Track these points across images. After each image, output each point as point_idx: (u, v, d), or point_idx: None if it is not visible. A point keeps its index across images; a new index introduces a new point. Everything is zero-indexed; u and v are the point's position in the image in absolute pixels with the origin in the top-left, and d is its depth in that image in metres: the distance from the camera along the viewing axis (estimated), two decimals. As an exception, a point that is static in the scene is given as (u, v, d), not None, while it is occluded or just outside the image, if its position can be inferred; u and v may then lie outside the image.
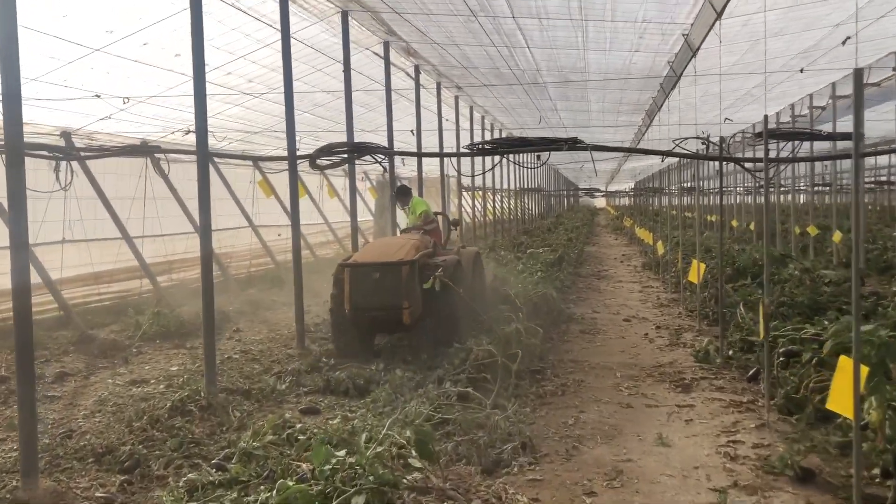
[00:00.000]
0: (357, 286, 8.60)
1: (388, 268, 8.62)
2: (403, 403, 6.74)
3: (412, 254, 8.84)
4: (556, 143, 8.32)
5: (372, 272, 8.63)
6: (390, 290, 8.48)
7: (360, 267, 8.73)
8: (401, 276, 8.52)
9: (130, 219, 13.63)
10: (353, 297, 8.59)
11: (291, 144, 9.06)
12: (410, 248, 8.98)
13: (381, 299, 8.51)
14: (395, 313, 8.49)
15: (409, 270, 8.56)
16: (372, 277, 8.60)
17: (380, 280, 8.56)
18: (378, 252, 9.13)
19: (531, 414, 6.74)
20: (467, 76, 16.73)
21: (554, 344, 9.94)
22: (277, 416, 6.35)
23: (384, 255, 8.89)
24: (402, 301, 8.43)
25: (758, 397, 7.16)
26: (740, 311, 9.42)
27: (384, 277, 8.56)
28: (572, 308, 13.00)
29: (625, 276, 18.56)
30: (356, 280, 8.63)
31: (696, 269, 10.34)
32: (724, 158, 8.10)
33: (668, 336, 10.42)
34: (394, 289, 8.47)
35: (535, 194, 43.14)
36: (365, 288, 8.57)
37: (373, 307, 8.55)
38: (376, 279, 8.58)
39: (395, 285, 8.49)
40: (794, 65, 13.96)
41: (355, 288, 8.60)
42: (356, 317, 8.65)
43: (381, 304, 8.52)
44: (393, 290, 8.48)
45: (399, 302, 8.45)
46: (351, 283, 8.62)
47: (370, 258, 8.93)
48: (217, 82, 12.36)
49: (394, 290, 8.47)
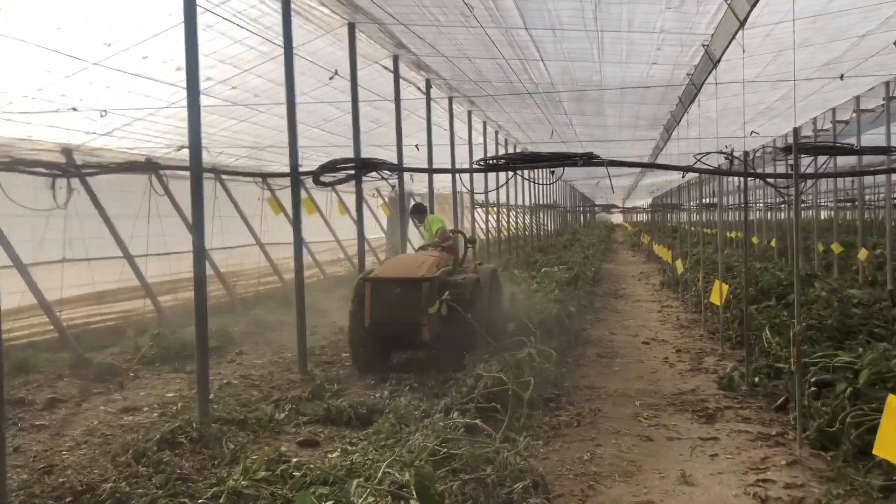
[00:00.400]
0: (378, 300, 8.63)
1: (409, 283, 8.63)
2: (408, 435, 6.32)
3: (433, 270, 8.86)
4: (571, 159, 7.90)
5: (393, 287, 8.67)
6: (411, 305, 8.47)
7: (381, 281, 8.77)
8: (421, 293, 8.52)
9: (135, 237, 13.33)
10: (373, 311, 8.62)
11: (294, 160, 8.70)
12: (432, 265, 8.99)
13: (402, 314, 8.52)
14: (414, 329, 8.51)
15: (430, 287, 8.56)
16: (393, 292, 8.64)
17: (400, 295, 8.59)
18: (400, 268, 9.13)
19: (544, 447, 6.29)
20: (480, 90, 16.37)
21: (569, 369, 9.47)
22: (272, 450, 5.95)
23: (406, 271, 8.90)
24: (422, 317, 8.37)
25: (787, 429, 6.67)
26: (766, 336, 8.92)
27: (405, 293, 8.58)
28: (589, 330, 12.53)
29: (643, 294, 18.06)
30: (377, 294, 8.66)
31: (719, 290, 9.86)
32: (748, 174, 7.65)
33: (690, 360, 9.93)
34: (414, 304, 8.45)
35: (550, 210, 42.71)
36: (386, 302, 8.60)
37: (393, 322, 8.58)
38: (397, 294, 8.61)
39: (416, 301, 8.47)
40: (819, 76, 13.49)
41: (376, 302, 8.63)
42: (376, 331, 8.68)
43: (401, 319, 8.54)
44: (413, 305, 8.46)
45: (419, 318, 8.43)
46: (372, 298, 8.65)
47: (392, 273, 8.95)
48: (221, 96, 12.07)
49: (414, 305, 8.46)
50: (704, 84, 12.34)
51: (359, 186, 10.85)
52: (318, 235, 21.51)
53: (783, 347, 8.63)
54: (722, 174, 8.48)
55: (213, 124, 13.62)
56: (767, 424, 6.90)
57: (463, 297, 8.43)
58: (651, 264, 27.52)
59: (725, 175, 9.24)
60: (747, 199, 7.78)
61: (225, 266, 16.81)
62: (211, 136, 14.13)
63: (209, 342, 11.23)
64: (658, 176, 41.73)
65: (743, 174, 7.61)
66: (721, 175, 8.95)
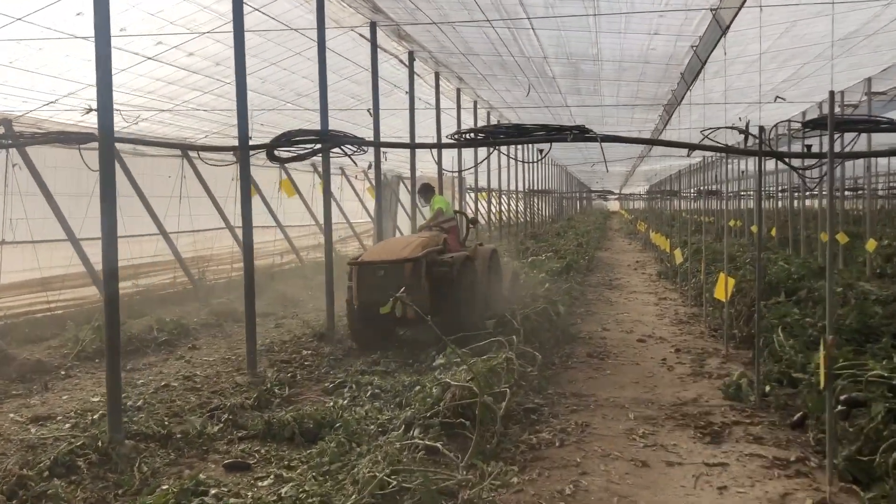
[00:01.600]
0: (363, 283, 8.89)
1: (392, 265, 8.86)
2: (357, 458, 5.28)
3: (417, 251, 9.03)
4: (560, 133, 6.83)
5: (377, 270, 8.90)
6: (395, 286, 8.31)
7: (366, 265, 9.02)
8: (404, 274, 8.74)
9: (87, 218, 12.22)
10: (360, 293, 8.89)
11: (243, 131, 7.57)
12: (417, 246, 9.17)
13: (386, 296, 7.97)
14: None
15: (413, 267, 8.80)
16: (377, 275, 8.85)
17: (384, 277, 8.79)
18: (385, 250, 9.36)
19: (519, 475, 5.24)
20: (468, 65, 15.24)
21: (555, 371, 8.43)
22: (190, 477, 4.93)
23: (390, 253, 9.13)
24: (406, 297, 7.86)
25: (808, 453, 5.64)
26: (778, 338, 7.88)
27: (389, 275, 8.79)
28: (579, 324, 11.49)
29: (639, 285, 17.02)
30: (363, 278, 8.92)
31: (724, 285, 8.81)
32: (765, 153, 6.58)
33: (690, 362, 8.89)
34: (397, 286, 8.26)
35: (545, 196, 41.58)
36: (371, 285, 8.83)
37: (378, 303, 8.10)
38: (381, 276, 8.82)
39: (399, 282, 8.50)
40: (831, 54, 12.41)
41: (362, 285, 8.89)
42: (364, 312, 8.92)
43: (385, 300, 7.81)
44: (397, 287, 8.28)
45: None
46: (358, 281, 8.92)
47: (376, 257, 9.19)
48: (177, 63, 10.95)
49: (398, 287, 8.28)
50: (710, 58, 11.26)
51: (325, 163, 9.74)
52: (301, 219, 20.38)
53: (798, 352, 7.59)
54: (734, 153, 7.39)
55: (173, 96, 12.50)
56: (784, 446, 5.86)
57: (449, 276, 8.89)
58: (647, 253, 26.48)
59: (739, 154, 8.17)
60: (762, 183, 6.70)
61: (194, 250, 15.72)
62: (175, 109, 13.03)
63: (159, 335, 10.29)
64: (656, 162, 40.66)
65: (758, 153, 6.53)
66: (733, 154, 7.87)
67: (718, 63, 11.68)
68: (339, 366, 8.63)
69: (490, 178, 23.21)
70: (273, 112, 14.41)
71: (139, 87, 11.71)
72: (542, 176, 39.57)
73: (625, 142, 7.21)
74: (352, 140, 8.19)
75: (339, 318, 11.24)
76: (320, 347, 9.45)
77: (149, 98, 12.24)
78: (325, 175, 9.78)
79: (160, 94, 12.10)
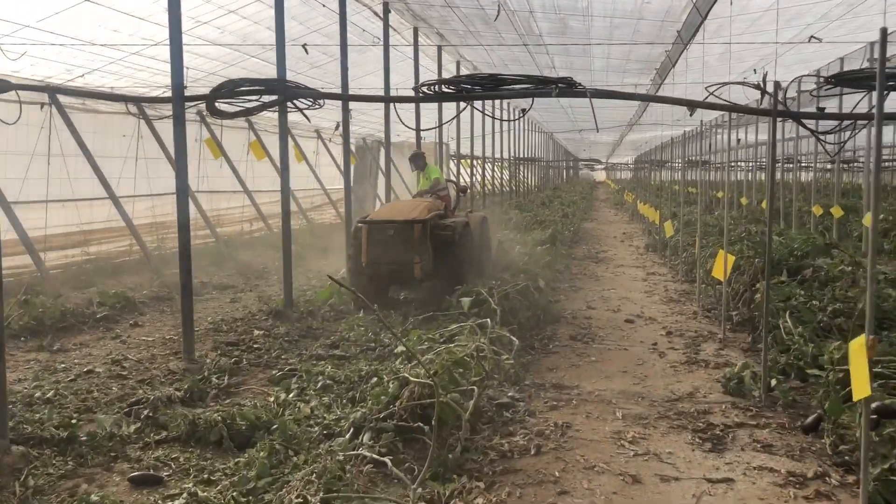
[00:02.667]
0: (373, 242, 9.13)
1: (401, 226, 9.17)
2: (292, 470, 4.38)
3: (424, 214, 9.40)
4: (544, 86, 5.85)
5: (387, 229, 9.16)
6: (403, 246, 9.06)
7: (376, 224, 9.27)
8: (413, 234, 9.09)
9: (27, 179, 11.16)
10: (369, 251, 9.12)
11: (177, 79, 6.51)
12: (423, 209, 9.55)
13: (395, 254, 9.09)
14: (407, 267, 9.09)
15: (421, 229, 9.16)
16: (387, 234, 9.12)
17: (394, 237, 9.09)
18: (394, 212, 9.73)
19: (485, 493, 4.35)
20: (449, 20, 14.14)
21: (534, 357, 7.54)
22: (80, 497, 4.00)
23: (399, 215, 9.45)
24: (414, 256, 9.02)
25: (827, 467, 4.79)
26: (785, 324, 7.01)
27: (398, 234, 9.10)
28: (563, 302, 10.62)
29: (626, 258, 16.16)
30: (373, 236, 9.15)
31: (723, 263, 7.92)
32: (781, 114, 5.62)
33: (684, 347, 8.02)
34: (406, 245, 9.05)
35: (531, 165, 40.53)
36: (380, 243, 9.11)
37: (387, 261, 9.13)
38: (391, 236, 9.10)
39: (408, 242, 9.04)
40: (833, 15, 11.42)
41: (371, 243, 9.13)
42: (372, 270, 9.19)
43: (394, 258, 9.11)
44: (406, 246, 9.06)
45: (411, 257, 9.03)
46: (368, 239, 9.12)
47: (386, 216, 9.52)
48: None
49: (406, 246, 9.06)
50: (711, 14, 10.26)
51: (282, 119, 8.70)
52: (270, 184, 19.22)
53: (808, 341, 6.73)
54: (745, 112, 6.42)
55: (118, 42, 11.36)
56: (798, 457, 5.00)
57: (451, 239, 9.38)
58: (635, 224, 25.63)
59: (749, 113, 7.21)
60: (775, 150, 5.75)
61: (152, 216, 14.66)
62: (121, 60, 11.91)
63: (99, 310, 9.31)
64: (644, 132, 39.66)
65: (772, 113, 5.56)
66: (742, 114, 6.91)
67: (719, 20, 10.71)
68: (293, 349, 7.71)
69: (473, 146, 22.16)
70: (235, 67, 13.28)
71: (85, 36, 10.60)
72: (528, 143, 38.52)
73: (618, 97, 6.22)
74: (310, 93, 7.16)
75: (299, 294, 10.30)
76: (275, 327, 8.51)
77: (92, 52, 11.13)
78: (282, 132, 8.73)
79: (105, 41, 10.96)
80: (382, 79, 13.02)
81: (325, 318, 9.14)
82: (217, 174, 16.67)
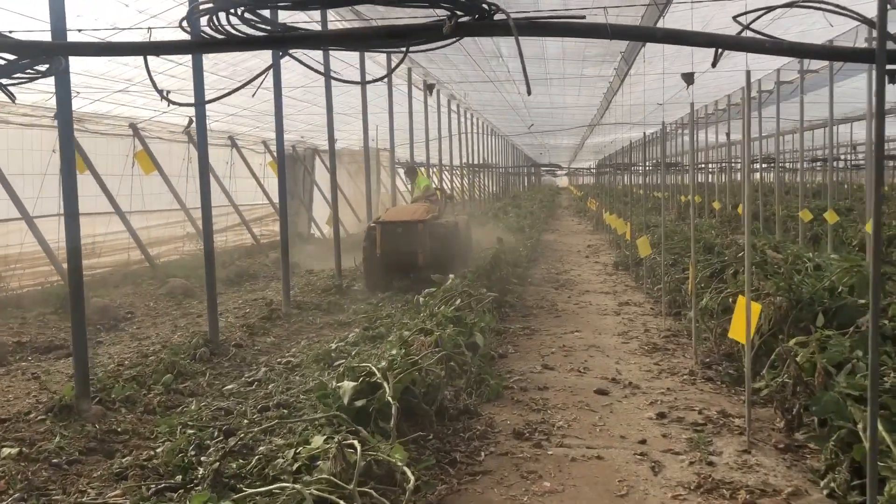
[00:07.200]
0: (386, 237, 11.54)
1: (408, 224, 11.65)
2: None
3: (425, 215, 11.86)
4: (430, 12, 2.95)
5: (396, 227, 11.64)
6: (410, 240, 11.55)
7: (387, 224, 11.71)
8: (417, 231, 11.56)
9: None
10: (382, 244, 11.52)
11: None
12: (424, 212, 12.02)
13: (403, 247, 11.54)
14: (412, 257, 11.53)
15: (423, 227, 11.60)
16: (396, 231, 11.59)
17: (402, 233, 11.57)
18: (400, 214, 12.30)
19: None
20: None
21: (449, 487, 4.60)
22: None
23: (405, 216, 11.97)
24: (418, 248, 11.52)
25: None
26: (879, 434, 4.13)
27: (405, 232, 11.58)
28: (510, 357, 7.76)
29: (592, 280, 13.37)
30: (385, 233, 11.55)
31: (745, 317, 5.06)
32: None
33: (688, 447, 5.16)
34: (412, 240, 11.55)
35: (488, 172, 37.67)
36: (392, 239, 11.55)
37: (396, 252, 11.54)
38: (399, 233, 11.57)
39: (413, 237, 11.55)
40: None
41: (384, 239, 11.53)
42: (384, 259, 11.57)
43: (403, 250, 11.53)
44: (411, 240, 11.55)
45: (416, 249, 11.52)
46: (381, 235, 11.54)
47: (396, 217, 12.01)
48: None
49: (412, 240, 11.55)
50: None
51: (62, 92, 5.65)
52: (216, 199, 16.11)
53: None
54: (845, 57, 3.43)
55: None
56: None
57: (446, 237, 11.84)
58: (599, 234, 22.95)
59: (852, 60, 4.30)
60: (883, 106, 2.88)
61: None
62: None
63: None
64: (605, 135, 37.15)
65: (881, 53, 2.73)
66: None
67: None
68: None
69: (413, 151, 19.25)
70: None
71: None
72: (485, 149, 35.75)
73: (577, 36, 3.22)
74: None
75: (227, 327, 7.39)
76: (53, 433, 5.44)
77: None
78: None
79: None
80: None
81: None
82: (92, 192, 13.43)
